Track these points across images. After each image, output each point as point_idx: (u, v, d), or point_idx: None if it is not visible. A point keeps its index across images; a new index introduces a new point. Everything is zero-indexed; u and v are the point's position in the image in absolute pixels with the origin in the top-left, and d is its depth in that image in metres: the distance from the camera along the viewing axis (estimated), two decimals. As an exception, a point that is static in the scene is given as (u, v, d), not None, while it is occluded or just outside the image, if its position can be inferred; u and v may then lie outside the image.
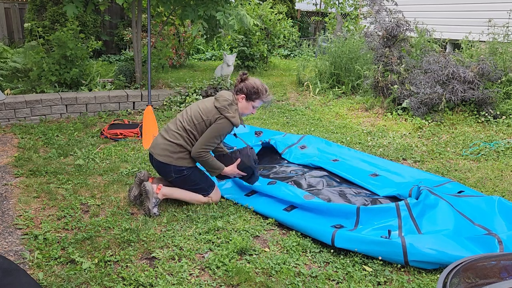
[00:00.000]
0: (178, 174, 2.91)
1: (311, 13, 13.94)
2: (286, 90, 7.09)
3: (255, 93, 2.93)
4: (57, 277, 2.21)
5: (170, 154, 2.87)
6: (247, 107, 2.98)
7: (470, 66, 5.13)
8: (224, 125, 2.85)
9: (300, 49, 11.17)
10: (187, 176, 2.94)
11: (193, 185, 2.99)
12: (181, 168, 2.90)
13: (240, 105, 2.97)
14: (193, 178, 2.98)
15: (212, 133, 2.85)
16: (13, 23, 8.74)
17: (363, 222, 2.70)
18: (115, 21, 9.46)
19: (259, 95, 2.95)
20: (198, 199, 3.03)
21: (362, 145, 4.46)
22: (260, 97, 2.96)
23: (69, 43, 5.42)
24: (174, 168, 2.89)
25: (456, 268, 1.51)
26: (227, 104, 2.87)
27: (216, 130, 2.85)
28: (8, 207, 2.93)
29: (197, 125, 2.88)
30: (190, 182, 2.97)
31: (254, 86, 2.93)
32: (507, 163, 3.94)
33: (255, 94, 2.94)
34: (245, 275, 2.26)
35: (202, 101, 3.04)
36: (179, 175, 2.92)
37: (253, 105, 2.98)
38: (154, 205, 2.88)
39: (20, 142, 4.20)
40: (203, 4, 5.50)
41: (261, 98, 2.97)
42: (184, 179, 2.95)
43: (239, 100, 2.97)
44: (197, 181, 2.99)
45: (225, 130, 2.87)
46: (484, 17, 6.42)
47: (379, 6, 5.75)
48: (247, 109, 2.99)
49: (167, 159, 2.87)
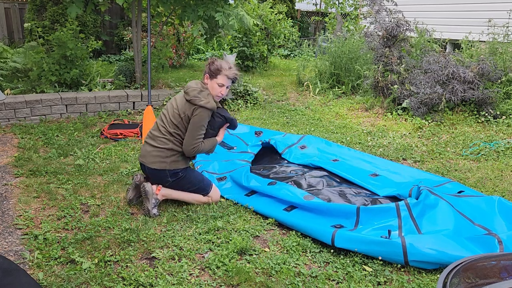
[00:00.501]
0: (174, 177, 2.92)
1: (311, 13, 13.94)
2: (286, 90, 7.09)
3: (216, 69, 2.91)
4: (57, 277, 2.21)
5: (163, 159, 2.87)
6: (213, 86, 2.93)
7: (470, 66, 5.13)
8: (202, 114, 2.84)
9: (300, 49, 11.17)
10: (182, 178, 2.95)
11: (191, 186, 2.99)
12: (176, 171, 2.91)
13: (208, 86, 2.95)
14: (189, 179, 2.98)
15: (195, 126, 2.85)
16: (13, 23, 8.73)
17: (363, 222, 2.70)
18: (115, 21, 9.46)
19: (220, 70, 2.90)
20: (197, 199, 3.03)
21: (362, 145, 4.45)
22: (221, 72, 2.90)
23: (69, 43, 5.42)
24: (169, 172, 2.90)
25: (456, 268, 1.51)
26: (197, 92, 2.86)
27: (197, 122, 2.85)
28: (8, 207, 2.93)
29: (178, 125, 2.88)
30: (187, 183, 2.98)
31: (216, 64, 2.92)
32: (507, 163, 3.94)
33: (217, 70, 2.91)
34: (245, 275, 2.26)
35: (174, 98, 3.03)
36: (175, 178, 2.93)
37: (216, 82, 2.92)
38: (153, 206, 2.88)
39: (20, 142, 4.20)
40: (203, 5, 5.50)
41: (223, 73, 2.91)
42: (181, 181, 2.96)
43: (206, 82, 2.95)
44: (194, 182, 2.99)
45: (205, 117, 2.86)
46: (484, 17, 6.43)
47: (379, 6, 5.75)
48: (213, 89, 2.93)
49: (161, 165, 2.87)
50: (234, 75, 2.95)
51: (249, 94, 6.14)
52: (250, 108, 5.89)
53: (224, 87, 2.95)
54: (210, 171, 3.59)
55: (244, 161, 3.73)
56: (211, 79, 2.94)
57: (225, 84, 2.94)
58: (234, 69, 2.97)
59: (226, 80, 2.94)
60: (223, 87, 2.95)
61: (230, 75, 2.93)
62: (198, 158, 3.88)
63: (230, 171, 3.53)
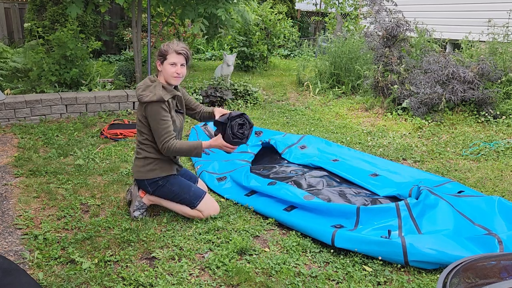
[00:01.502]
0: (154, 186, 2.79)
1: (311, 13, 13.94)
2: (286, 90, 7.09)
3: (164, 50, 2.72)
4: (57, 277, 2.21)
5: (139, 169, 2.79)
6: (166, 70, 2.72)
7: (470, 66, 5.13)
8: (152, 109, 2.65)
9: (300, 49, 11.17)
10: (163, 187, 2.79)
11: (174, 196, 2.80)
12: (154, 180, 2.78)
13: (162, 73, 2.76)
14: (171, 188, 2.79)
15: (153, 123, 2.67)
16: (13, 23, 8.73)
17: (363, 222, 2.70)
18: (115, 21, 9.46)
19: (167, 49, 2.71)
20: (184, 212, 2.83)
21: (362, 145, 4.46)
22: (168, 50, 2.70)
23: (69, 43, 5.42)
24: (147, 182, 2.79)
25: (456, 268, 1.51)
26: (141, 90, 2.72)
27: (153, 119, 2.66)
28: (8, 207, 2.93)
29: (143, 130, 2.76)
30: (169, 193, 2.80)
31: (163, 45, 2.76)
32: (507, 163, 3.94)
33: (165, 51, 2.72)
34: (245, 275, 2.26)
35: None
36: (156, 187, 2.79)
37: (168, 63, 2.70)
38: (136, 208, 2.84)
39: (20, 142, 4.20)
40: (203, 3, 5.49)
41: (170, 49, 2.70)
42: (162, 190, 2.80)
43: (160, 70, 2.76)
44: (177, 192, 2.79)
45: (157, 110, 2.65)
46: (484, 17, 6.43)
47: (379, 6, 5.75)
48: (167, 72, 2.71)
49: (139, 175, 2.79)
50: (182, 49, 2.72)
51: (249, 94, 6.14)
52: (250, 108, 5.89)
53: (178, 66, 2.72)
54: (210, 171, 3.59)
55: (244, 161, 3.73)
56: (162, 63, 2.73)
57: (177, 62, 2.70)
58: (180, 43, 2.75)
59: (176, 56, 2.70)
60: (176, 66, 2.71)
61: (179, 49, 2.70)
62: (198, 158, 3.89)
63: (230, 171, 3.53)
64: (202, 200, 2.81)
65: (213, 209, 2.87)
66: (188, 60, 2.79)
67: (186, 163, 3.90)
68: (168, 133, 2.68)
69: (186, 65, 2.80)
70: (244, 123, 2.74)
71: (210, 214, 2.85)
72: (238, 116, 2.74)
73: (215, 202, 2.92)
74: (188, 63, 2.81)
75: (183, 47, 2.74)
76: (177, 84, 2.80)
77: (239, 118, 2.73)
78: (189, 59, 2.79)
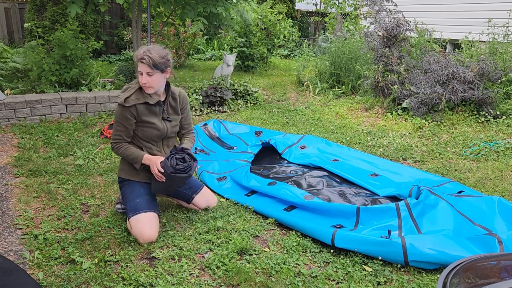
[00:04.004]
0: (120, 184, 2.78)
1: (311, 13, 13.94)
2: (286, 90, 7.09)
3: (134, 57, 2.60)
4: (57, 277, 2.21)
5: (119, 165, 2.82)
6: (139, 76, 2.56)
7: (470, 66, 5.13)
8: (116, 109, 2.61)
9: (300, 49, 11.16)
10: (122, 187, 2.74)
11: (124, 200, 2.68)
12: (120, 178, 2.77)
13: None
14: (125, 192, 2.70)
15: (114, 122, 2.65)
16: (13, 23, 8.73)
17: (363, 222, 2.70)
18: (115, 21, 9.46)
19: (134, 57, 2.57)
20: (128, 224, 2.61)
21: (362, 145, 4.46)
22: (134, 59, 2.56)
23: (69, 43, 5.42)
24: (118, 179, 2.80)
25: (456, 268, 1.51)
26: (122, 90, 2.66)
27: (115, 118, 2.64)
28: (8, 207, 2.93)
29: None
30: (123, 195, 2.71)
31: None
32: (507, 163, 3.94)
33: (135, 57, 2.58)
34: (245, 275, 2.26)
35: None
36: (120, 186, 2.78)
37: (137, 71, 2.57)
38: (119, 201, 2.90)
39: (20, 142, 4.20)
40: (203, 2, 5.50)
41: (135, 57, 2.54)
42: (121, 190, 2.75)
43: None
44: (126, 197, 2.67)
45: (118, 112, 2.59)
46: (484, 17, 6.43)
47: (379, 6, 5.75)
48: (140, 78, 2.54)
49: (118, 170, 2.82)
50: (144, 55, 2.47)
51: (249, 94, 6.14)
52: (250, 108, 5.89)
53: (143, 75, 2.51)
54: (210, 171, 3.59)
55: (244, 161, 3.73)
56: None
57: (142, 71, 2.50)
58: (145, 49, 2.51)
59: (140, 65, 2.50)
60: (141, 75, 2.52)
61: (139, 57, 2.48)
62: (198, 158, 3.89)
63: (230, 171, 3.53)
64: (134, 216, 2.53)
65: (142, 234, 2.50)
66: (155, 67, 2.50)
67: (186, 163, 3.89)
68: (117, 136, 2.63)
69: (157, 71, 2.53)
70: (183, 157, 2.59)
71: (137, 237, 2.51)
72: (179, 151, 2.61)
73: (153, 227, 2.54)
74: (159, 68, 2.52)
75: (145, 54, 2.48)
76: (149, 93, 2.59)
77: (180, 154, 2.60)
78: (156, 65, 2.50)
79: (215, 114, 5.53)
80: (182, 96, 2.82)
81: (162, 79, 2.61)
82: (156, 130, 2.68)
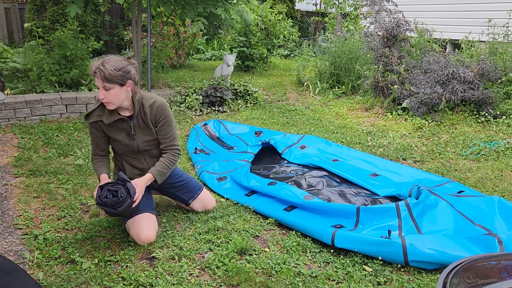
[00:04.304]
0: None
1: (311, 13, 13.94)
2: (286, 90, 7.09)
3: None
4: (57, 277, 2.21)
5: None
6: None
7: (470, 66, 5.13)
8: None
9: (300, 49, 11.16)
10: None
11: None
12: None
13: None
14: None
15: None
16: (13, 23, 8.73)
17: (363, 222, 2.70)
18: (115, 21, 9.46)
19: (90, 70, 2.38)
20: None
21: (362, 145, 4.46)
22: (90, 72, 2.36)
23: (69, 43, 5.42)
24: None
25: (456, 268, 1.51)
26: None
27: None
28: (8, 207, 2.93)
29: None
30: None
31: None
32: (507, 163, 3.94)
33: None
34: (245, 275, 2.26)
35: None
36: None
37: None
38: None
39: (20, 142, 4.20)
40: (203, 2, 5.50)
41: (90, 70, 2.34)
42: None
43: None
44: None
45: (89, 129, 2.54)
46: (484, 17, 6.43)
47: (379, 6, 5.75)
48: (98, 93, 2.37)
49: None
50: (95, 69, 2.29)
51: (249, 94, 6.14)
52: (250, 108, 5.89)
53: (100, 89, 2.32)
54: (210, 171, 3.59)
55: (244, 161, 3.73)
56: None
57: (98, 85, 2.33)
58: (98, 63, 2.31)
59: (95, 79, 2.33)
60: (99, 90, 2.34)
61: (92, 71, 2.32)
62: (197, 158, 3.89)
63: (230, 171, 3.53)
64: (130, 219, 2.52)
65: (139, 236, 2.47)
66: (110, 80, 2.29)
67: (186, 163, 3.89)
68: (92, 150, 2.64)
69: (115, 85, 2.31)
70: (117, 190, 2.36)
71: (135, 239, 2.50)
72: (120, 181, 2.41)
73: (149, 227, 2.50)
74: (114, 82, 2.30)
75: (97, 67, 2.29)
76: (110, 108, 2.40)
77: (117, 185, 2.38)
78: (110, 79, 2.28)
79: (215, 114, 5.53)
80: (155, 108, 2.51)
81: (123, 93, 2.37)
82: (124, 146, 2.56)
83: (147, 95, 2.54)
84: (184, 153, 4.12)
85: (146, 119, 2.52)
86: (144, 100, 2.51)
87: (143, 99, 2.51)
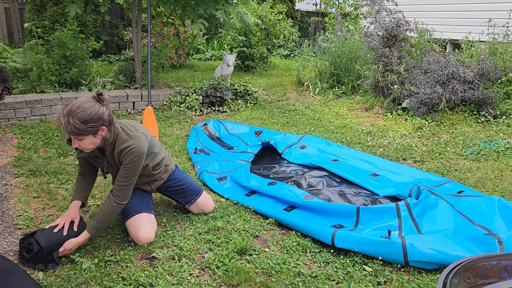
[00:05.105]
0: None
1: (311, 13, 13.94)
2: (286, 90, 7.09)
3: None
4: (57, 277, 2.21)
5: None
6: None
7: (470, 66, 5.13)
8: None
9: (300, 49, 11.16)
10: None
11: None
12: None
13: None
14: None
15: None
16: (13, 23, 8.73)
17: (363, 222, 2.70)
18: (115, 21, 9.46)
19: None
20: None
21: (362, 145, 4.45)
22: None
23: (69, 43, 5.42)
24: None
25: (456, 268, 1.51)
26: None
27: None
28: (8, 207, 2.93)
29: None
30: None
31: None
32: (507, 163, 3.94)
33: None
34: (245, 275, 2.26)
35: None
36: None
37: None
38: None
39: (20, 142, 4.20)
40: (203, 4, 5.50)
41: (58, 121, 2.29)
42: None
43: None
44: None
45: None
46: (484, 17, 6.43)
47: (379, 6, 5.75)
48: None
49: None
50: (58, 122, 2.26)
51: (249, 94, 6.14)
52: (250, 108, 5.89)
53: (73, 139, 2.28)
54: (210, 171, 3.59)
55: (244, 161, 3.73)
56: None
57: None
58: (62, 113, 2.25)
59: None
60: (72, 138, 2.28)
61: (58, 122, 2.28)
62: (197, 158, 3.89)
63: (230, 171, 3.53)
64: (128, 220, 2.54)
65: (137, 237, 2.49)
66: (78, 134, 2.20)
67: (186, 163, 3.89)
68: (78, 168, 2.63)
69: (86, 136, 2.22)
70: (29, 246, 2.28)
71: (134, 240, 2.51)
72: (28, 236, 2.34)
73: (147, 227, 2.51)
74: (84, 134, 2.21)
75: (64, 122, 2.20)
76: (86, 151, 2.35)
77: (27, 241, 2.31)
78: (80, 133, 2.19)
79: (215, 114, 5.53)
80: (124, 153, 2.34)
81: (98, 138, 2.28)
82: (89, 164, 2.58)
83: (124, 137, 2.35)
84: (184, 153, 4.12)
85: (116, 159, 2.42)
86: (118, 141, 2.35)
87: (118, 140, 2.35)
